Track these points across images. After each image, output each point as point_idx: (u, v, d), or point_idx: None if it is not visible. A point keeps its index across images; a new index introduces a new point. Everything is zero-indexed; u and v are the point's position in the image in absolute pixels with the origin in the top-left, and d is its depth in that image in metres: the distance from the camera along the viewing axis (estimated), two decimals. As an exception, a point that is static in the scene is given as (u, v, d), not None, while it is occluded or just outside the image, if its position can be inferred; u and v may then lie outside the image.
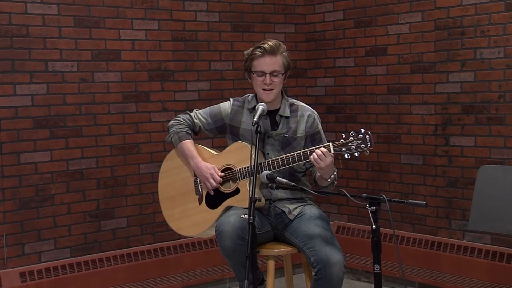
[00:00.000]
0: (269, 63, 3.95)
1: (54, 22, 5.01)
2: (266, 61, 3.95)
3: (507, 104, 4.95)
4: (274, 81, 3.95)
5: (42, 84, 4.98)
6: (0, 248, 4.86)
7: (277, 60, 3.96)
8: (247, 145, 3.97)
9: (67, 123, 5.10)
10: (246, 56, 4.02)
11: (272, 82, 3.95)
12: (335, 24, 6.04)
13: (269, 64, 3.95)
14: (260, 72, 3.96)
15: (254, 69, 3.98)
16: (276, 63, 3.96)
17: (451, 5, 5.22)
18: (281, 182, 3.65)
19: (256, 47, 3.99)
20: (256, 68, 3.97)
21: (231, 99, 4.16)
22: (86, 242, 5.21)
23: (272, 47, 3.95)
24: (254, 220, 3.50)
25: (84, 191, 5.18)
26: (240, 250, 3.73)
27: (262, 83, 3.95)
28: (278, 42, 3.99)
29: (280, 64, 3.96)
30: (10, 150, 4.90)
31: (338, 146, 3.72)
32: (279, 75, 3.96)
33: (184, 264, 5.54)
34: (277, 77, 3.96)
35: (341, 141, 3.72)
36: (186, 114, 4.21)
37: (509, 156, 4.95)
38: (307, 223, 3.92)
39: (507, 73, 4.94)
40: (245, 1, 5.89)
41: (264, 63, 3.95)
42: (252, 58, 3.98)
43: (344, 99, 6.03)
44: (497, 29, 4.97)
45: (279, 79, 3.97)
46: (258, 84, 3.97)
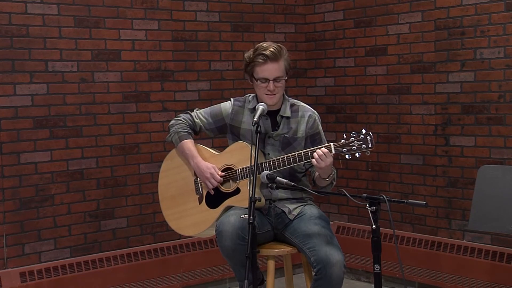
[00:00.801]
0: (272, 70, 3.94)
1: (54, 22, 5.01)
2: (269, 68, 3.93)
3: (507, 104, 4.95)
4: (277, 86, 3.95)
5: (42, 84, 4.98)
6: (0, 248, 4.86)
7: (280, 66, 3.94)
8: (248, 145, 3.96)
9: (67, 123, 5.10)
10: (247, 61, 3.99)
11: (275, 88, 3.95)
12: (335, 24, 6.04)
13: (272, 71, 3.94)
14: (263, 79, 3.95)
15: (256, 75, 3.97)
16: (279, 69, 3.94)
17: (451, 5, 5.22)
18: (281, 182, 3.65)
19: (258, 53, 3.94)
20: (259, 75, 3.95)
21: (232, 99, 4.16)
22: (86, 242, 5.21)
23: (274, 54, 3.92)
24: (254, 220, 3.50)
25: (84, 191, 5.18)
26: (240, 250, 3.72)
27: (266, 89, 3.95)
28: (279, 47, 3.96)
29: (282, 69, 3.95)
30: (10, 150, 4.90)
31: (339, 146, 3.72)
32: (282, 80, 3.96)
33: (184, 264, 5.54)
34: (280, 82, 3.96)
35: (342, 142, 3.72)
36: (187, 113, 4.20)
37: (509, 156, 4.95)
38: (307, 223, 3.92)
39: (507, 73, 4.93)
40: (245, 1, 5.89)
41: (267, 70, 3.94)
42: (254, 65, 3.95)
43: (344, 99, 6.03)
44: (497, 29, 4.97)
45: (282, 83, 3.97)
46: (261, 89, 3.97)
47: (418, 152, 5.51)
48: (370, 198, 3.38)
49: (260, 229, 3.94)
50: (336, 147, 3.73)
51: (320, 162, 3.74)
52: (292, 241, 3.95)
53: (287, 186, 3.66)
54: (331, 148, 3.73)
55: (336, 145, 3.74)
